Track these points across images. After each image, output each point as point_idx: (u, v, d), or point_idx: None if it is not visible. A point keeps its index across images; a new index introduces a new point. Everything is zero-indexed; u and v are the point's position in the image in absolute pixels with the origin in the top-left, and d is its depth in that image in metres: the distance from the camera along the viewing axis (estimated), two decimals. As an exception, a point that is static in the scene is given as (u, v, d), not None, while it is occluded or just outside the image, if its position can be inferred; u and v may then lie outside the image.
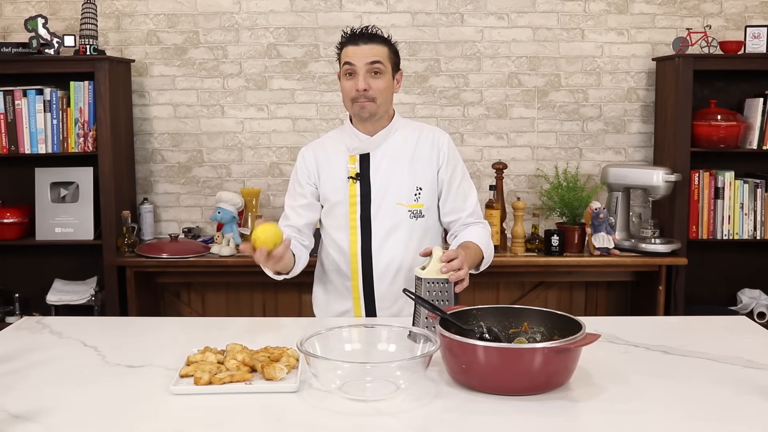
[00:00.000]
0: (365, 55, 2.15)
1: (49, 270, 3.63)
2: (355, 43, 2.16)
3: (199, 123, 3.75)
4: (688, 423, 1.43)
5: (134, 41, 3.70)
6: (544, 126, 3.74)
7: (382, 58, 2.16)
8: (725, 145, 3.44)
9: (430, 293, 1.86)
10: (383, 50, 2.18)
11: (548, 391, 1.55)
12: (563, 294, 3.74)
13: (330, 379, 1.53)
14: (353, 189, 2.24)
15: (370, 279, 2.24)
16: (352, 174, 2.24)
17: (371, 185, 2.24)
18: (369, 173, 2.24)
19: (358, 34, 2.18)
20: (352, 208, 2.24)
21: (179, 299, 3.73)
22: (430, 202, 2.26)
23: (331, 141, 2.32)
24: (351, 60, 2.16)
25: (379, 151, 2.25)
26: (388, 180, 2.23)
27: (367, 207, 2.24)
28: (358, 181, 2.24)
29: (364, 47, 2.15)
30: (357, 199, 2.24)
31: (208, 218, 3.75)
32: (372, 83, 2.15)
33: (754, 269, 3.70)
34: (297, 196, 2.31)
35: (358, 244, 2.24)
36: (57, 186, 3.53)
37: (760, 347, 1.88)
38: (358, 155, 2.25)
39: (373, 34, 2.18)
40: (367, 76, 2.15)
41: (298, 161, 2.33)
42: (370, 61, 2.14)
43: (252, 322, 2.23)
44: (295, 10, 3.68)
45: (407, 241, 2.23)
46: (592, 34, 3.70)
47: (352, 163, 2.25)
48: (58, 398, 1.55)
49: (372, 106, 2.17)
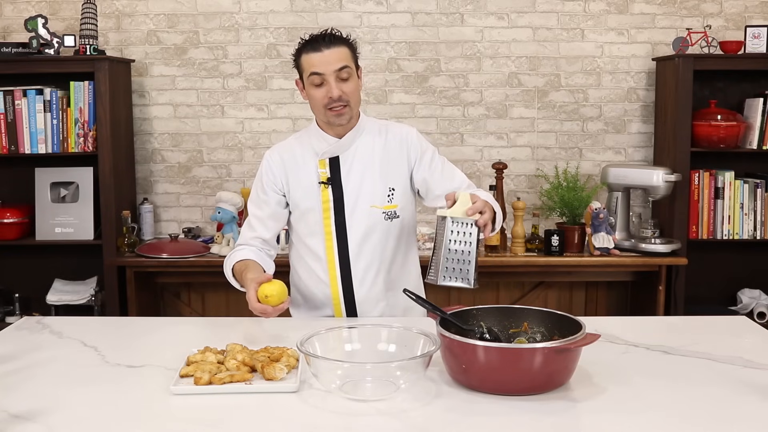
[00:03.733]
0: (331, 61, 2.07)
1: (49, 270, 3.63)
2: (317, 49, 2.08)
3: (199, 123, 3.75)
4: (688, 423, 1.43)
5: (134, 41, 3.70)
6: (544, 126, 3.74)
7: (347, 61, 2.10)
8: (725, 145, 3.44)
9: (454, 233, 1.78)
10: (346, 52, 2.11)
11: (548, 391, 1.55)
12: (563, 294, 3.74)
13: (330, 379, 1.53)
14: (325, 194, 2.18)
15: (349, 284, 2.20)
16: (323, 179, 2.18)
17: (343, 189, 2.18)
18: (340, 177, 2.19)
19: (318, 38, 2.10)
20: (326, 214, 2.19)
21: (179, 299, 3.73)
22: (403, 202, 2.22)
23: (299, 144, 2.24)
24: (318, 69, 2.08)
25: (348, 153, 2.19)
26: (360, 183, 2.18)
27: (341, 212, 2.18)
28: (330, 186, 2.18)
29: (328, 53, 2.08)
30: (330, 205, 2.18)
31: (208, 218, 3.76)
32: (343, 87, 2.09)
33: (754, 269, 3.70)
34: (262, 204, 2.24)
35: (335, 250, 2.19)
36: (57, 186, 3.53)
37: (760, 347, 1.88)
38: (328, 159, 2.19)
39: (332, 36, 2.11)
40: (337, 82, 2.09)
41: (263, 166, 2.25)
42: (338, 68, 2.08)
43: (252, 322, 2.23)
44: (295, 10, 3.68)
45: (384, 243, 2.20)
46: (592, 34, 3.70)
47: (323, 168, 2.19)
48: (58, 398, 1.55)
49: (348, 110, 2.12)
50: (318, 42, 2.09)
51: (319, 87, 2.10)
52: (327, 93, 2.09)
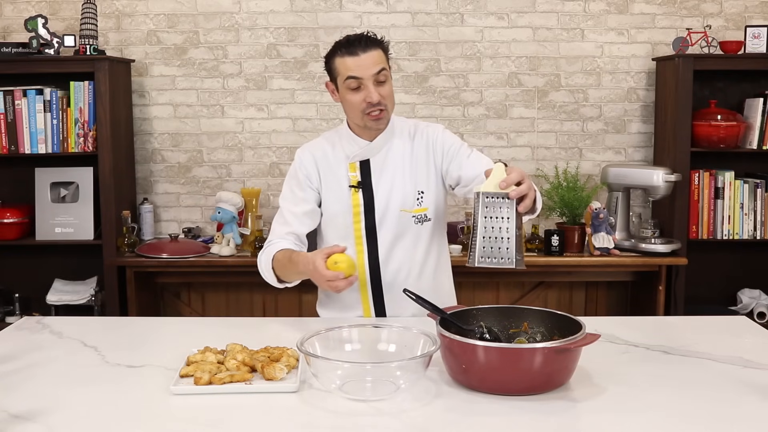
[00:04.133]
0: (368, 65, 2.03)
1: (49, 270, 3.63)
2: (354, 53, 2.04)
3: (199, 123, 3.75)
4: (688, 423, 1.42)
5: (134, 41, 3.70)
6: (544, 126, 3.74)
7: (383, 63, 2.06)
8: (725, 145, 3.44)
9: (489, 209, 1.66)
10: (381, 55, 2.08)
11: (548, 391, 1.55)
12: (563, 294, 3.74)
13: (330, 379, 1.53)
14: (356, 198, 2.15)
15: (379, 289, 2.17)
16: (354, 183, 2.15)
17: (374, 193, 2.14)
18: (371, 181, 2.15)
19: (354, 42, 2.05)
20: (356, 218, 2.15)
21: (179, 299, 3.73)
22: (433, 205, 2.18)
23: (330, 146, 2.20)
24: (355, 73, 2.03)
25: (379, 156, 2.16)
26: (391, 186, 2.15)
27: (372, 216, 2.14)
28: (360, 190, 2.15)
29: (365, 56, 2.03)
30: (360, 209, 2.15)
31: (208, 218, 3.76)
32: (381, 91, 2.05)
33: (754, 269, 3.70)
34: (299, 201, 2.18)
35: (365, 255, 2.15)
36: (57, 186, 3.53)
37: (760, 347, 1.88)
38: (358, 162, 2.16)
39: (368, 39, 2.07)
40: (375, 86, 2.04)
41: (297, 163, 2.21)
42: (376, 71, 2.03)
43: (252, 322, 2.23)
44: (295, 10, 3.68)
45: (414, 247, 2.16)
46: (592, 34, 3.70)
47: (353, 171, 2.16)
48: (58, 398, 1.55)
49: (385, 114, 2.09)
50: (354, 45, 2.04)
51: (356, 91, 2.06)
52: (365, 97, 2.05)
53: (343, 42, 2.08)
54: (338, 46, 2.08)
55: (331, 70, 2.11)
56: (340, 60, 2.06)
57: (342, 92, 2.10)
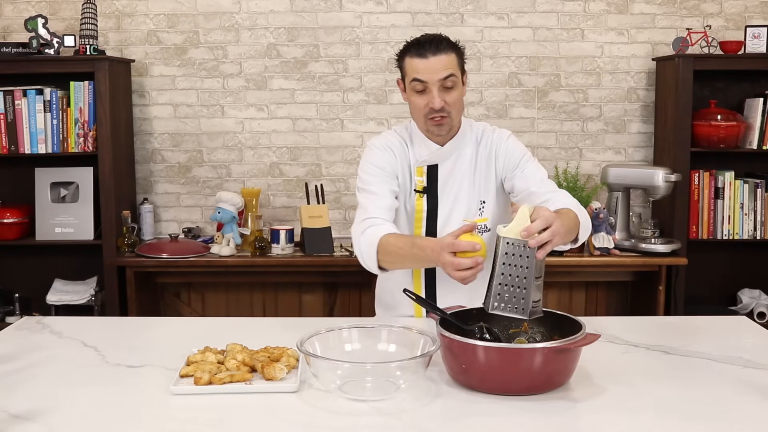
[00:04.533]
0: (436, 69, 1.97)
1: (49, 270, 3.63)
2: (423, 55, 1.98)
3: (199, 123, 3.75)
4: (688, 423, 1.42)
5: (134, 41, 3.70)
6: (544, 126, 3.74)
7: (453, 69, 1.99)
8: (725, 145, 3.44)
9: (507, 255, 1.60)
10: (453, 59, 2.00)
11: (548, 391, 1.55)
12: (563, 294, 3.74)
13: (330, 379, 1.53)
14: (420, 203, 2.10)
15: (433, 296, 2.13)
16: (419, 187, 2.10)
17: (438, 200, 2.10)
18: (437, 187, 2.10)
19: (425, 44, 1.98)
20: (418, 224, 2.10)
21: (179, 299, 3.73)
22: (494, 216, 2.12)
23: (400, 144, 2.13)
24: (421, 77, 1.98)
25: (448, 162, 2.10)
26: (456, 195, 2.10)
27: (433, 223, 2.10)
28: (425, 196, 2.10)
29: (434, 60, 1.97)
30: (423, 215, 2.10)
31: (208, 218, 3.76)
32: (446, 97, 2.00)
33: (754, 269, 3.70)
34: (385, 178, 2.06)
35: None
36: (57, 186, 3.53)
37: (760, 347, 1.88)
38: (426, 167, 2.11)
39: (440, 40, 2.00)
40: (440, 91, 1.99)
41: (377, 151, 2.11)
42: (443, 77, 1.98)
43: (252, 322, 2.23)
44: (295, 10, 3.68)
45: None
46: (592, 34, 3.70)
47: (420, 176, 2.10)
48: (58, 398, 1.55)
49: (448, 121, 2.04)
50: (424, 47, 1.99)
51: (421, 94, 2.02)
52: (428, 102, 2.01)
53: (414, 42, 2.03)
54: (410, 45, 2.03)
55: (401, 68, 2.07)
56: (409, 60, 2.02)
57: (408, 93, 2.06)
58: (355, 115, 3.72)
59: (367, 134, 3.72)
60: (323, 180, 3.72)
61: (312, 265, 3.39)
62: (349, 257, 3.34)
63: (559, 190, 2.09)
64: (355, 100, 3.71)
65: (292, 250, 3.40)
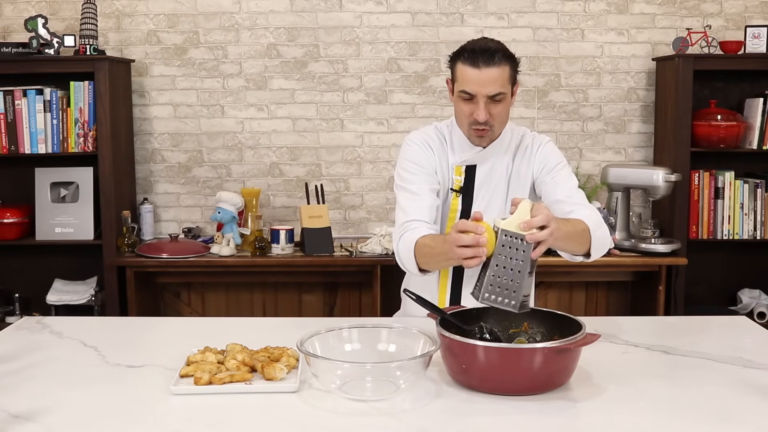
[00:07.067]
0: (486, 83, 1.92)
1: (49, 270, 3.63)
2: (475, 64, 1.92)
3: (199, 123, 3.75)
4: (688, 423, 1.42)
5: (134, 41, 3.70)
6: (544, 126, 3.74)
7: (503, 83, 1.94)
8: (725, 145, 3.44)
9: (504, 247, 1.59)
10: (505, 72, 1.95)
11: (548, 391, 1.55)
12: (563, 294, 3.73)
13: (330, 379, 1.53)
14: (455, 203, 2.09)
15: (458, 299, 2.11)
16: (456, 187, 2.08)
17: (473, 201, 2.08)
18: (473, 188, 2.08)
19: (479, 53, 1.93)
20: (450, 223, 2.07)
21: (179, 299, 3.73)
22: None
23: (439, 141, 2.11)
24: (469, 89, 1.94)
25: (486, 165, 2.08)
26: (491, 197, 2.09)
27: None
28: (461, 195, 2.08)
29: (486, 72, 1.92)
30: (457, 214, 2.08)
31: (208, 218, 3.75)
32: (492, 110, 1.96)
33: (754, 269, 3.70)
34: (425, 176, 2.05)
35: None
36: (57, 186, 3.53)
37: (760, 347, 1.89)
38: (465, 167, 2.09)
39: (494, 51, 1.93)
40: (487, 104, 1.95)
41: (415, 147, 2.09)
42: (491, 94, 1.94)
43: (252, 322, 2.23)
44: (295, 10, 3.68)
45: None
46: (592, 34, 3.70)
47: (458, 175, 2.09)
48: (58, 398, 1.55)
49: (489, 133, 2.02)
50: (477, 56, 1.93)
51: (468, 102, 1.98)
52: (473, 112, 1.97)
53: (469, 47, 1.97)
54: (464, 49, 1.98)
55: (452, 70, 2.03)
56: (461, 66, 1.97)
57: (455, 96, 2.03)
58: (355, 115, 3.72)
59: (367, 134, 3.72)
60: (323, 180, 3.72)
61: (312, 265, 3.39)
62: (349, 257, 3.34)
63: (587, 204, 2.06)
64: (355, 100, 3.72)
65: (292, 250, 3.40)
